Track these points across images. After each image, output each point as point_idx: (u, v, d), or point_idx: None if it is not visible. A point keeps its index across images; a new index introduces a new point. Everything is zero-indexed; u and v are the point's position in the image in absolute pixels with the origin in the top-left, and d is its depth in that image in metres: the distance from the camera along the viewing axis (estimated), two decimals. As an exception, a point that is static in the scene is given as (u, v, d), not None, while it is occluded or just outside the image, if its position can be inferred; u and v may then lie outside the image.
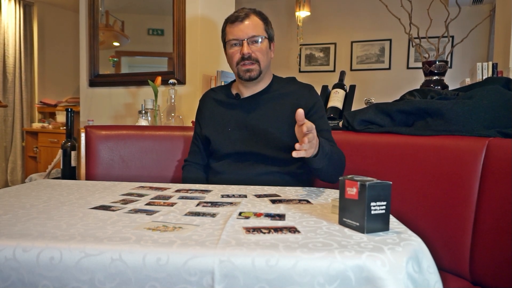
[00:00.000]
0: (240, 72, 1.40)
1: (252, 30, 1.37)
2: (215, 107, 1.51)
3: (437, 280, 0.67)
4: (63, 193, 1.07)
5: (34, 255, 0.63)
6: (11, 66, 4.53)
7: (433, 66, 1.74)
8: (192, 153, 1.56)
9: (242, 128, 1.42)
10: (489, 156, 1.10)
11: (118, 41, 2.91)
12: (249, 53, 1.36)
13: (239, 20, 1.37)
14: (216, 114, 1.49)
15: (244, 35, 1.37)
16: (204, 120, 1.52)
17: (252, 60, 1.37)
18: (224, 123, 1.46)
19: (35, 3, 4.77)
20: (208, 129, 1.49)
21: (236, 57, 1.39)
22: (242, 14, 1.38)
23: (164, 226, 0.74)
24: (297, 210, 0.88)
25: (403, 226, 0.77)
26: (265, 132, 1.39)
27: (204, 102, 1.56)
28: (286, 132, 1.36)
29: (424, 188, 1.21)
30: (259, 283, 0.60)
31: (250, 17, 1.38)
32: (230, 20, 1.40)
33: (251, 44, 1.37)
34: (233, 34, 1.38)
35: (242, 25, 1.37)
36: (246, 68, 1.38)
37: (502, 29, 3.12)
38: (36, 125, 4.41)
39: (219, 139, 1.44)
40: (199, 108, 1.58)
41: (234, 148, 1.41)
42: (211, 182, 1.43)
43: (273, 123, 1.39)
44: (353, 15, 5.19)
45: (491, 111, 1.25)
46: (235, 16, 1.39)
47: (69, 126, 1.90)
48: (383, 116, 1.46)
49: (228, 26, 1.41)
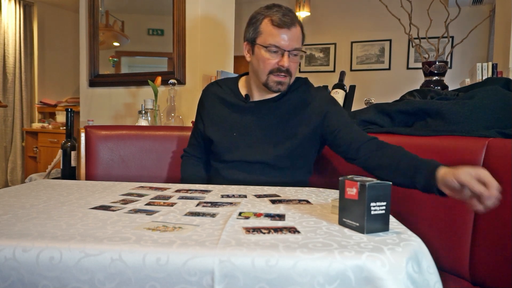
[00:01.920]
0: (270, 82, 1.29)
1: (296, 42, 1.27)
2: (220, 106, 1.41)
3: (437, 281, 0.67)
4: (63, 193, 1.07)
5: (34, 255, 0.63)
6: (11, 66, 4.53)
7: (433, 66, 1.74)
8: (192, 146, 1.51)
9: (249, 134, 1.34)
10: (489, 156, 1.10)
11: (118, 41, 2.91)
12: (288, 67, 1.27)
13: (286, 26, 1.24)
14: (221, 115, 1.39)
15: (288, 46, 1.25)
16: (208, 119, 1.42)
17: (287, 73, 1.28)
18: (229, 126, 1.37)
19: (35, 3, 4.77)
20: (211, 130, 1.40)
21: (271, 65, 1.27)
22: (288, 19, 1.24)
23: (164, 226, 0.74)
24: (297, 210, 0.88)
25: (403, 227, 0.77)
26: (270, 141, 1.32)
27: (208, 97, 1.45)
28: (293, 142, 1.31)
29: (424, 189, 1.21)
30: (259, 283, 0.60)
31: (296, 26, 1.26)
32: (274, 21, 1.25)
33: (291, 56, 1.27)
34: (276, 41, 1.24)
35: (288, 33, 1.25)
36: (279, 80, 1.28)
37: (502, 30, 3.12)
38: (36, 125, 4.41)
39: (223, 143, 1.36)
40: (201, 102, 1.48)
41: (238, 156, 1.33)
42: (212, 181, 1.40)
43: (280, 132, 1.32)
44: (353, 15, 5.19)
45: (491, 112, 1.25)
46: (281, 20, 1.24)
47: (69, 126, 1.90)
48: (383, 116, 1.46)
49: (270, 26, 1.25)
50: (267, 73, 1.28)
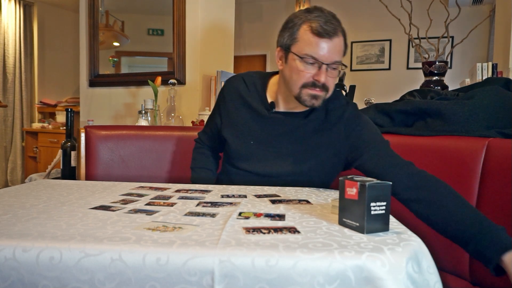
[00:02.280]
0: (303, 95, 1.14)
1: (337, 54, 1.11)
2: (241, 108, 1.29)
3: (437, 281, 0.67)
4: (63, 193, 1.06)
5: (34, 255, 0.63)
6: (11, 66, 4.53)
7: (433, 66, 1.75)
8: (206, 135, 1.45)
9: (267, 146, 1.24)
10: (489, 156, 1.10)
11: (118, 41, 2.91)
12: (325, 83, 1.12)
13: (328, 36, 1.09)
14: (241, 118, 1.28)
15: (327, 59, 1.10)
16: (226, 117, 1.31)
17: (323, 87, 1.13)
18: (247, 133, 1.26)
19: (35, 3, 4.77)
20: (228, 131, 1.30)
21: (305, 78, 1.12)
22: (331, 28, 1.09)
23: (164, 226, 0.74)
24: (297, 210, 0.88)
25: (403, 227, 0.77)
26: (291, 159, 1.21)
27: (230, 93, 1.32)
28: (317, 163, 1.21)
29: (424, 189, 1.21)
30: (259, 283, 0.60)
31: (339, 35, 1.11)
32: (314, 28, 1.09)
33: (329, 69, 1.12)
34: (314, 51, 1.09)
35: (329, 44, 1.09)
36: (315, 93, 1.13)
37: (502, 30, 3.12)
38: (36, 125, 4.41)
39: (238, 150, 1.27)
40: (222, 95, 1.35)
41: (252, 167, 1.25)
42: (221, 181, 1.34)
43: (302, 151, 1.21)
44: (353, 15, 5.19)
45: (491, 112, 1.25)
46: (322, 28, 1.08)
47: (69, 126, 1.90)
48: (383, 116, 1.46)
49: (309, 34, 1.10)
50: (300, 86, 1.14)
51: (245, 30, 5.98)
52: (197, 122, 2.28)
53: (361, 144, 1.16)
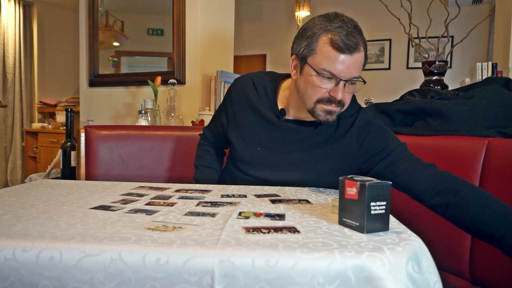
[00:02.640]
0: (317, 110, 1.08)
1: (356, 70, 1.04)
2: (250, 113, 1.24)
3: (437, 280, 0.67)
4: (63, 193, 1.06)
5: (34, 255, 0.63)
6: (11, 66, 4.53)
7: (433, 66, 1.75)
8: (211, 132, 1.42)
9: (274, 154, 1.20)
10: (489, 156, 1.10)
11: (118, 41, 2.91)
12: (342, 99, 1.06)
13: (349, 51, 1.02)
14: (249, 123, 1.24)
15: (346, 75, 1.03)
16: (233, 120, 1.27)
17: (340, 104, 1.07)
18: (254, 139, 1.22)
19: (35, 3, 4.77)
20: (234, 134, 1.26)
21: (320, 94, 1.06)
22: (353, 42, 1.02)
23: (164, 226, 0.74)
24: (297, 210, 0.88)
25: (403, 226, 0.77)
26: (299, 168, 1.18)
27: (240, 96, 1.26)
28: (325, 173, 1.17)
29: (424, 188, 1.21)
30: (259, 283, 0.60)
31: (360, 50, 1.04)
32: (335, 42, 1.01)
33: (347, 85, 1.06)
34: (332, 67, 1.02)
35: (350, 60, 1.02)
36: (330, 109, 1.07)
37: (501, 29, 3.12)
38: (36, 125, 4.41)
39: (244, 155, 1.24)
40: (230, 95, 1.29)
41: (257, 173, 1.22)
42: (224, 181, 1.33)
43: (310, 162, 1.17)
44: (353, 15, 5.15)
45: (491, 111, 1.25)
46: (344, 43, 1.01)
47: (69, 126, 1.90)
48: (382, 116, 1.46)
49: (329, 47, 1.02)
50: (315, 101, 1.07)
51: (245, 30, 5.98)
52: (197, 122, 2.28)
53: (375, 152, 1.11)
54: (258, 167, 1.22)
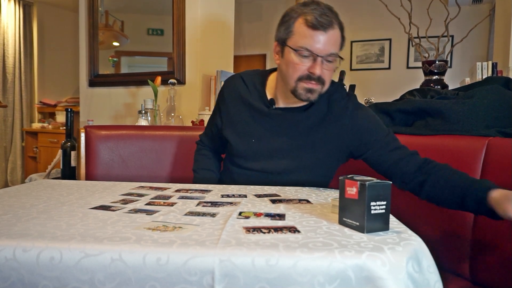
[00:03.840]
0: (298, 89, 1.14)
1: (332, 46, 1.11)
2: (241, 107, 1.29)
3: (437, 280, 0.67)
4: (63, 193, 1.06)
5: (34, 255, 0.63)
6: (11, 66, 4.53)
7: (433, 65, 1.74)
8: (207, 137, 1.45)
9: (268, 143, 1.24)
10: (489, 155, 1.10)
11: (118, 41, 2.91)
12: (321, 75, 1.12)
13: (323, 28, 1.09)
14: (242, 117, 1.28)
15: (322, 51, 1.10)
16: (226, 118, 1.32)
17: (319, 81, 1.13)
18: (248, 131, 1.26)
19: (35, 3, 4.77)
20: (229, 131, 1.30)
21: (300, 72, 1.13)
22: (326, 21, 1.09)
23: (164, 226, 0.74)
24: (297, 210, 0.88)
25: (403, 226, 0.77)
26: (293, 155, 1.22)
27: (231, 93, 1.32)
28: (319, 157, 1.21)
29: (424, 188, 1.21)
30: (259, 282, 0.60)
31: (334, 27, 1.10)
32: (309, 21, 1.09)
33: (325, 62, 1.12)
34: (308, 44, 1.10)
35: (324, 36, 1.09)
36: (310, 87, 1.13)
37: (501, 29, 3.12)
38: (36, 125, 4.41)
39: (239, 149, 1.27)
40: (222, 95, 1.35)
41: (254, 165, 1.25)
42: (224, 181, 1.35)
43: (302, 147, 1.21)
44: (353, 15, 5.19)
45: (491, 111, 1.25)
46: (317, 21, 1.09)
47: (69, 126, 1.90)
48: (383, 116, 1.46)
49: (304, 27, 1.10)
50: (296, 79, 1.14)
51: (244, 29, 5.98)
52: (197, 122, 2.28)
53: (367, 139, 1.18)
54: (254, 158, 1.25)
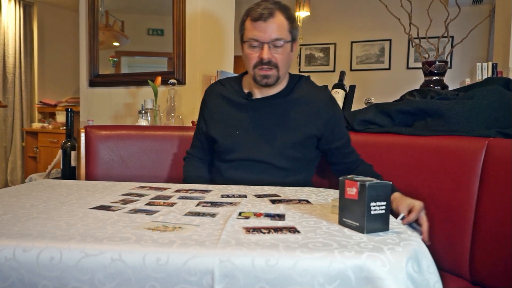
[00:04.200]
0: (256, 76, 1.29)
1: (275, 32, 1.23)
2: (223, 105, 1.40)
3: (437, 280, 0.68)
4: (63, 193, 1.07)
5: (34, 255, 0.63)
6: (11, 66, 4.53)
7: (433, 66, 1.74)
8: (195, 147, 1.50)
9: (251, 132, 1.33)
10: (489, 156, 1.10)
11: (118, 41, 2.91)
12: (269, 58, 1.25)
13: (263, 19, 1.22)
14: (224, 113, 1.39)
15: (266, 38, 1.23)
16: (210, 118, 1.41)
17: (271, 65, 1.26)
18: (232, 125, 1.36)
19: (35, 3, 4.77)
20: (214, 129, 1.39)
21: (253, 60, 1.27)
22: (266, 12, 1.22)
23: (164, 226, 0.74)
24: (297, 210, 0.88)
25: (403, 226, 0.77)
26: (273, 140, 1.31)
27: (211, 96, 1.44)
28: (296, 141, 1.31)
29: (424, 188, 1.21)
30: (259, 283, 0.60)
31: (275, 16, 1.23)
32: (252, 15, 1.24)
33: (272, 47, 1.24)
34: (253, 34, 1.24)
35: (265, 25, 1.23)
36: (264, 73, 1.27)
37: (501, 29, 3.12)
38: (36, 125, 4.40)
39: (226, 142, 1.35)
40: (204, 101, 1.46)
41: (241, 155, 1.32)
42: (215, 181, 1.38)
43: (282, 131, 1.31)
44: (353, 15, 5.19)
45: (491, 111, 1.25)
46: (258, 13, 1.23)
47: (69, 126, 1.90)
48: (383, 116, 1.46)
49: (249, 22, 1.26)
50: (252, 68, 1.28)
51: (245, 30, 5.97)
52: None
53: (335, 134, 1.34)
54: (240, 148, 1.33)
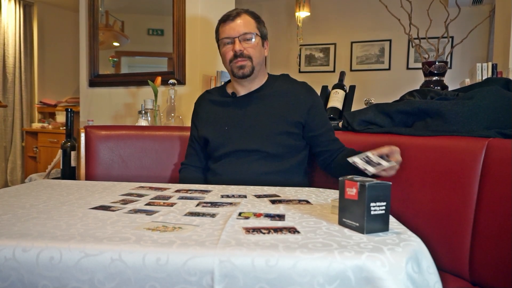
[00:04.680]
0: (233, 69, 1.42)
1: (243, 28, 1.40)
2: (210, 107, 1.52)
3: (437, 281, 0.68)
4: (63, 193, 1.07)
5: (33, 255, 0.63)
6: (11, 66, 4.53)
7: (433, 66, 1.74)
8: (189, 156, 1.56)
9: (239, 126, 1.43)
10: (489, 156, 1.10)
11: (118, 41, 2.91)
12: (241, 50, 1.39)
13: (231, 19, 1.40)
14: (212, 114, 1.50)
15: (235, 33, 1.39)
16: (201, 122, 1.52)
17: (245, 56, 1.40)
18: (221, 123, 1.47)
19: (35, 3, 4.77)
20: (205, 130, 1.49)
21: (228, 55, 1.41)
22: (234, 13, 1.41)
23: (164, 226, 0.74)
24: (297, 211, 0.88)
25: (403, 227, 0.77)
26: (261, 129, 1.40)
27: (200, 104, 1.57)
28: (283, 129, 1.40)
29: (423, 189, 1.21)
30: (259, 283, 0.60)
31: (242, 16, 1.42)
32: (222, 19, 1.43)
33: (243, 41, 1.40)
34: (225, 33, 1.41)
35: (233, 23, 1.40)
36: (239, 64, 1.40)
37: (501, 30, 3.12)
38: (36, 125, 4.40)
39: (217, 138, 1.45)
40: (195, 111, 1.59)
41: (232, 147, 1.41)
42: (210, 182, 1.42)
43: (269, 120, 1.41)
44: (353, 15, 5.19)
45: (491, 112, 1.25)
46: (226, 16, 1.42)
47: (69, 126, 1.90)
48: (383, 117, 1.46)
49: (221, 26, 1.44)
50: (229, 63, 1.42)
51: (245, 30, 5.97)
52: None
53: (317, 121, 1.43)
54: (230, 142, 1.42)
